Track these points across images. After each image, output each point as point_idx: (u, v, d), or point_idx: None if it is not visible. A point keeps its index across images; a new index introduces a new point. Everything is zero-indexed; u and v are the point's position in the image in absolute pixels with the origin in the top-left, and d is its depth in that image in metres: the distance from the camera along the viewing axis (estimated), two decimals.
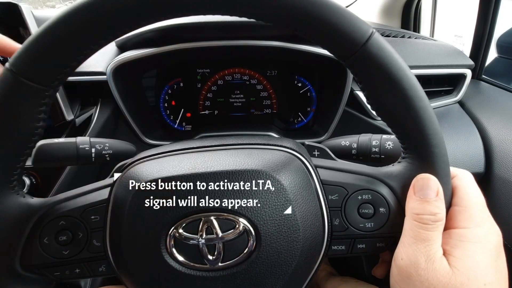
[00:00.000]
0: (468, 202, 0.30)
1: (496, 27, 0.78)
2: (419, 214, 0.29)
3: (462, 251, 0.28)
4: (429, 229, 0.28)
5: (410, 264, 0.28)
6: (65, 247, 0.32)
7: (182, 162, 0.32)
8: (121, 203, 0.31)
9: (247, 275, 0.30)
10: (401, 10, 1.15)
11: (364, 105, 0.64)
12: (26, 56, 0.26)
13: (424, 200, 0.29)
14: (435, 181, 0.29)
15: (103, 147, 0.43)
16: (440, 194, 0.29)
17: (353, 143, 0.43)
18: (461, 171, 0.32)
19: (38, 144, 0.40)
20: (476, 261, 0.27)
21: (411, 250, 0.28)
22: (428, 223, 0.28)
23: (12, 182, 0.31)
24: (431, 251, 0.28)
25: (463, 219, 0.29)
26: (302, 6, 0.25)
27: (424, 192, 0.29)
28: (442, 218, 0.29)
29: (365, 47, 0.26)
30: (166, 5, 0.25)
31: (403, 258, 0.29)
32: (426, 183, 0.29)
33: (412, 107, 0.27)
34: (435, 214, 0.28)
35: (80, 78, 0.60)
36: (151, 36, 0.60)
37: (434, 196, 0.29)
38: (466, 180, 0.31)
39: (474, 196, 0.30)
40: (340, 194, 0.32)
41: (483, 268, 0.27)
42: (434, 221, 0.28)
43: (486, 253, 0.28)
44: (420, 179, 0.29)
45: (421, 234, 0.28)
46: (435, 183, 0.29)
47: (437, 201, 0.29)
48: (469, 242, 0.28)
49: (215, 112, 0.73)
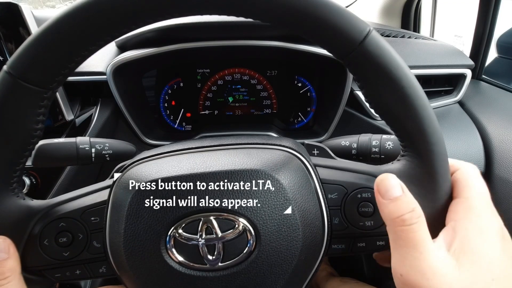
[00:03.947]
0: (468, 194, 0.29)
1: (496, 27, 0.78)
2: (399, 216, 0.27)
3: (465, 245, 0.26)
4: (415, 229, 0.27)
5: (411, 279, 0.26)
6: (65, 248, 0.32)
7: (181, 162, 0.32)
8: (121, 203, 0.31)
9: (247, 275, 0.30)
10: (401, 10, 1.15)
11: (364, 105, 0.64)
12: (24, 58, 0.26)
13: (395, 200, 0.27)
14: (394, 177, 0.28)
15: (103, 147, 0.43)
16: (404, 188, 0.28)
17: (353, 143, 0.43)
18: (465, 165, 0.31)
19: (38, 144, 0.40)
20: (480, 255, 0.26)
21: (408, 262, 0.26)
22: (412, 221, 0.27)
23: (12, 184, 0.30)
24: (428, 256, 0.26)
25: (463, 210, 0.28)
26: (299, 5, 0.25)
27: (390, 193, 0.28)
28: (420, 212, 0.27)
29: (363, 45, 0.26)
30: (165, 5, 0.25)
31: (402, 275, 0.27)
32: (388, 183, 0.28)
33: (411, 105, 0.27)
34: (413, 209, 0.27)
35: (80, 78, 0.60)
36: (151, 36, 0.60)
37: (401, 192, 0.27)
38: (468, 173, 0.30)
39: (474, 188, 0.29)
40: (340, 193, 0.32)
41: (489, 261, 0.26)
42: (416, 217, 0.27)
43: (490, 244, 0.26)
44: (380, 182, 0.28)
45: (410, 238, 0.26)
46: (395, 180, 0.28)
47: (406, 195, 0.27)
48: (471, 234, 0.27)
49: (215, 112, 0.73)
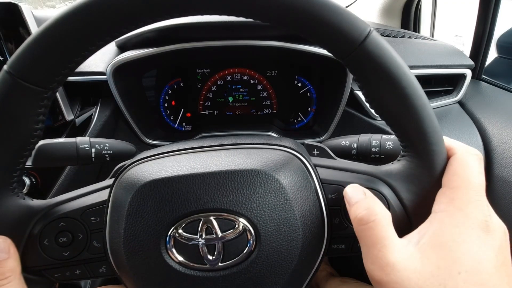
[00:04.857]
0: (454, 183, 0.27)
1: (496, 27, 0.78)
2: (357, 216, 0.28)
3: (434, 239, 0.26)
4: (372, 227, 0.27)
5: (374, 275, 0.27)
6: (66, 248, 0.32)
7: (181, 162, 0.32)
8: (121, 203, 0.31)
9: (247, 275, 0.30)
10: (401, 10, 1.15)
11: (364, 105, 0.64)
12: (24, 58, 0.26)
13: (356, 203, 0.29)
14: (357, 186, 0.30)
15: (103, 147, 0.43)
16: (367, 193, 0.30)
17: (353, 143, 0.43)
18: (462, 150, 0.29)
19: (38, 144, 0.40)
20: (451, 248, 0.25)
21: (370, 260, 0.27)
22: (369, 219, 0.27)
23: (12, 184, 0.31)
24: (386, 252, 0.26)
25: (445, 201, 0.27)
26: (299, 5, 0.25)
27: (353, 198, 0.30)
28: (379, 211, 0.28)
29: (363, 46, 0.26)
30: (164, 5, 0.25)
31: (368, 271, 0.28)
32: (352, 191, 0.30)
33: (410, 105, 0.27)
34: (367, 208, 0.28)
35: (80, 78, 0.60)
36: (151, 36, 0.60)
37: (363, 196, 0.29)
38: (463, 160, 0.28)
39: (464, 177, 0.27)
40: (340, 193, 0.32)
41: (460, 255, 0.24)
42: (373, 215, 0.27)
43: (465, 237, 0.25)
44: (347, 192, 0.30)
45: (368, 237, 0.27)
46: (358, 187, 0.30)
47: (366, 198, 0.29)
48: (445, 227, 0.26)
49: (215, 112, 0.73)
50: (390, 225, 0.28)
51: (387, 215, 0.28)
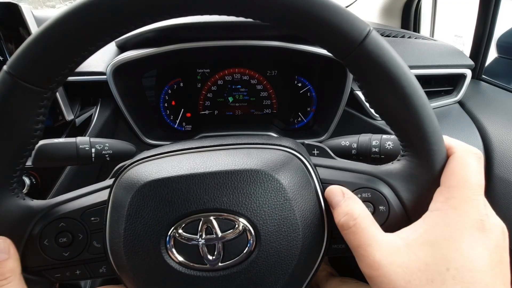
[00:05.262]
0: (451, 182, 0.27)
1: (496, 27, 0.78)
2: (338, 222, 0.29)
3: (424, 237, 0.26)
4: (354, 232, 0.28)
5: (366, 272, 0.27)
6: (66, 248, 0.32)
7: (181, 162, 0.32)
8: (120, 203, 0.31)
9: (247, 275, 0.30)
10: (401, 10, 1.15)
11: (364, 105, 0.64)
12: (24, 58, 0.26)
13: (335, 208, 0.30)
14: (334, 187, 0.31)
15: (103, 147, 0.43)
16: (346, 193, 0.30)
17: (353, 143, 0.43)
18: (461, 149, 0.29)
19: (38, 144, 0.40)
20: (440, 246, 0.25)
21: (359, 259, 0.28)
22: (349, 225, 0.28)
23: (12, 185, 0.31)
24: (373, 251, 0.27)
25: (441, 200, 0.27)
26: (299, 5, 0.25)
27: (333, 201, 0.30)
28: (357, 215, 0.28)
29: (363, 45, 0.26)
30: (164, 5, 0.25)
31: (361, 269, 0.28)
32: (330, 194, 0.31)
33: (410, 105, 0.27)
34: (346, 213, 0.29)
35: (80, 78, 0.60)
36: (151, 36, 0.60)
37: (341, 197, 0.30)
38: (461, 159, 0.28)
39: (460, 176, 0.27)
40: None
41: (449, 252, 0.25)
42: (352, 219, 0.28)
43: (457, 236, 0.25)
44: (327, 195, 0.31)
45: (353, 240, 0.28)
46: (336, 188, 0.31)
47: (345, 200, 0.30)
48: (437, 227, 0.26)
49: (215, 112, 0.73)
50: (371, 225, 0.28)
51: (367, 215, 0.29)
